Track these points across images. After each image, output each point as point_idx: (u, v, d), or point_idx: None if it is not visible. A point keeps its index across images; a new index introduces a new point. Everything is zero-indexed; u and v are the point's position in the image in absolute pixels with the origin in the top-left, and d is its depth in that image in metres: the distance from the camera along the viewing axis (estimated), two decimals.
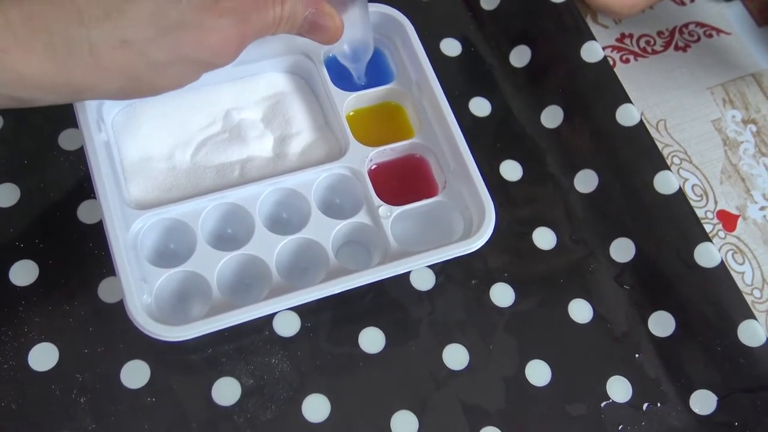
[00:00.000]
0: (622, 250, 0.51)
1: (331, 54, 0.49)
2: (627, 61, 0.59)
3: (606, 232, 0.51)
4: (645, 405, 0.47)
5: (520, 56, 0.56)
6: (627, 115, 0.52)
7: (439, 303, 0.48)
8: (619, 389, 0.47)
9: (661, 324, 0.49)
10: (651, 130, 0.54)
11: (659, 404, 0.47)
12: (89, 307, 0.45)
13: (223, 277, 0.43)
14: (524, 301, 0.49)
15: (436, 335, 0.47)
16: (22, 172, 0.48)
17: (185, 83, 0.39)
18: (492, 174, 0.52)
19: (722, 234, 0.53)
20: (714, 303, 0.47)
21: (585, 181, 0.53)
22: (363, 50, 0.47)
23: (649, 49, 0.60)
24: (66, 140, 0.49)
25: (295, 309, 0.46)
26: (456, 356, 0.47)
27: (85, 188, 0.47)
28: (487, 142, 0.53)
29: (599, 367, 0.48)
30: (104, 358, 0.44)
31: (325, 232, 0.45)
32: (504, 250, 0.50)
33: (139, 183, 0.45)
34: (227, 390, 0.44)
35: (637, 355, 0.48)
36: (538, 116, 0.55)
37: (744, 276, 0.52)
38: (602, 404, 0.47)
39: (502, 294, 0.49)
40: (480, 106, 0.55)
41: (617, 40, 0.60)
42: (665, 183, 0.50)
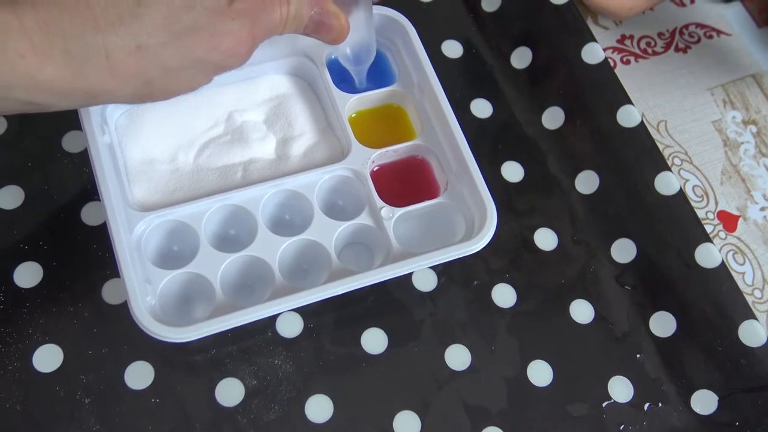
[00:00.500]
0: (623, 251, 0.51)
1: (333, 56, 0.49)
2: (628, 63, 0.59)
3: (607, 233, 0.52)
4: (646, 405, 0.47)
5: (521, 58, 0.57)
6: (628, 116, 0.52)
7: (442, 304, 0.48)
8: (621, 389, 0.47)
9: (662, 324, 0.49)
10: (652, 131, 0.54)
11: (660, 404, 0.47)
12: (93, 309, 0.45)
13: (227, 279, 0.44)
14: (526, 302, 0.49)
15: (439, 336, 0.47)
16: (26, 175, 0.48)
17: (197, 86, 0.39)
18: (493, 175, 0.52)
19: (723, 234, 0.53)
20: (715, 303, 0.48)
21: (586, 182, 0.53)
22: (365, 54, 0.47)
23: (650, 51, 0.60)
24: (69, 143, 0.49)
25: (298, 310, 0.46)
26: (458, 357, 0.47)
27: (89, 190, 0.48)
28: (489, 144, 0.54)
29: (600, 368, 0.48)
30: (108, 360, 0.44)
31: (328, 234, 0.45)
32: (505, 251, 0.50)
33: (143, 185, 0.45)
34: (231, 391, 0.44)
35: (639, 356, 0.48)
36: (539, 117, 0.55)
37: (744, 276, 0.52)
38: (604, 404, 0.47)
39: (504, 295, 0.49)
40: (481, 108, 0.55)
41: (618, 42, 0.60)
42: (666, 184, 0.50)
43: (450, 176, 0.47)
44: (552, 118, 0.55)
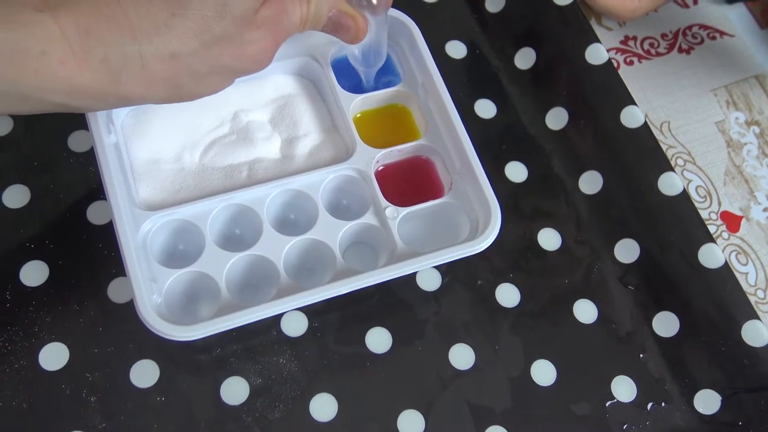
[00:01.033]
0: (627, 251, 0.51)
1: (338, 56, 0.50)
2: (631, 64, 0.59)
3: (610, 233, 0.52)
4: (649, 404, 0.47)
5: (525, 58, 0.57)
6: (631, 117, 0.52)
7: (446, 303, 0.48)
8: (624, 389, 0.47)
9: (666, 324, 0.49)
10: (655, 132, 0.54)
11: (663, 404, 0.48)
12: (99, 308, 0.45)
13: (232, 278, 0.44)
14: (529, 302, 0.49)
15: (443, 335, 0.47)
16: (33, 174, 0.48)
17: (221, 89, 0.41)
18: (497, 175, 0.52)
19: (726, 235, 0.54)
20: (718, 303, 0.48)
21: (590, 183, 0.53)
22: (375, 57, 0.47)
23: (653, 52, 0.60)
24: (76, 142, 0.49)
25: (303, 309, 0.46)
26: (462, 356, 0.47)
27: (95, 190, 0.48)
28: (493, 144, 0.54)
29: (604, 367, 0.48)
30: (114, 358, 0.44)
31: (333, 233, 0.45)
32: (509, 251, 0.50)
33: (148, 184, 0.45)
34: (236, 389, 0.44)
35: (642, 355, 0.49)
36: (543, 118, 0.55)
37: (747, 277, 0.52)
38: (607, 404, 0.47)
39: (508, 294, 0.49)
40: (485, 108, 0.55)
41: (621, 43, 0.60)
42: (669, 184, 0.50)
43: (454, 176, 0.48)
44: (556, 119, 0.55)
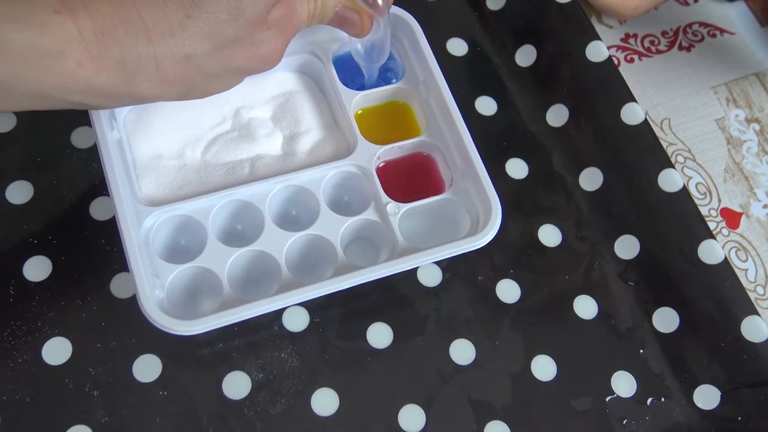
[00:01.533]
0: (627, 248, 0.51)
1: (344, 52, 0.50)
2: (631, 61, 0.59)
3: (611, 230, 0.52)
4: (649, 400, 0.48)
5: (526, 56, 0.57)
6: (631, 114, 0.52)
7: (446, 299, 0.48)
8: (624, 384, 0.48)
9: (665, 320, 0.49)
10: (655, 129, 0.55)
11: (663, 399, 0.48)
12: (102, 303, 0.45)
13: (234, 273, 0.44)
14: (530, 298, 0.49)
15: (443, 331, 0.47)
16: (36, 170, 0.48)
17: (231, 87, 0.41)
18: (498, 172, 0.53)
19: (726, 231, 0.54)
20: (717, 299, 0.48)
21: (590, 179, 0.53)
22: (377, 54, 0.47)
23: (654, 49, 0.60)
24: (78, 138, 0.50)
25: (304, 304, 0.47)
26: (463, 351, 0.47)
27: (98, 185, 0.48)
28: (493, 141, 0.54)
29: (604, 363, 0.48)
30: (116, 353, 0.44)
31: (334, 229, 0.45)
32: (510, 247, 0.50)
33: (151, 180, 0.46)
34: (237, 384, 0.44)
35: (642, 351, 0.49)
36: (544, 115, 0.55)
37: (747, 273, 0.53)
38: (607, 399, 0.47)
39: (508, 290, 0.49)
40: (486, 105, 0.55)
41: (622, 40, 0.60)
42: (669, 181, 0.50)
43: (455, 173, 0.48)
44: (556, 116, 0.55)
